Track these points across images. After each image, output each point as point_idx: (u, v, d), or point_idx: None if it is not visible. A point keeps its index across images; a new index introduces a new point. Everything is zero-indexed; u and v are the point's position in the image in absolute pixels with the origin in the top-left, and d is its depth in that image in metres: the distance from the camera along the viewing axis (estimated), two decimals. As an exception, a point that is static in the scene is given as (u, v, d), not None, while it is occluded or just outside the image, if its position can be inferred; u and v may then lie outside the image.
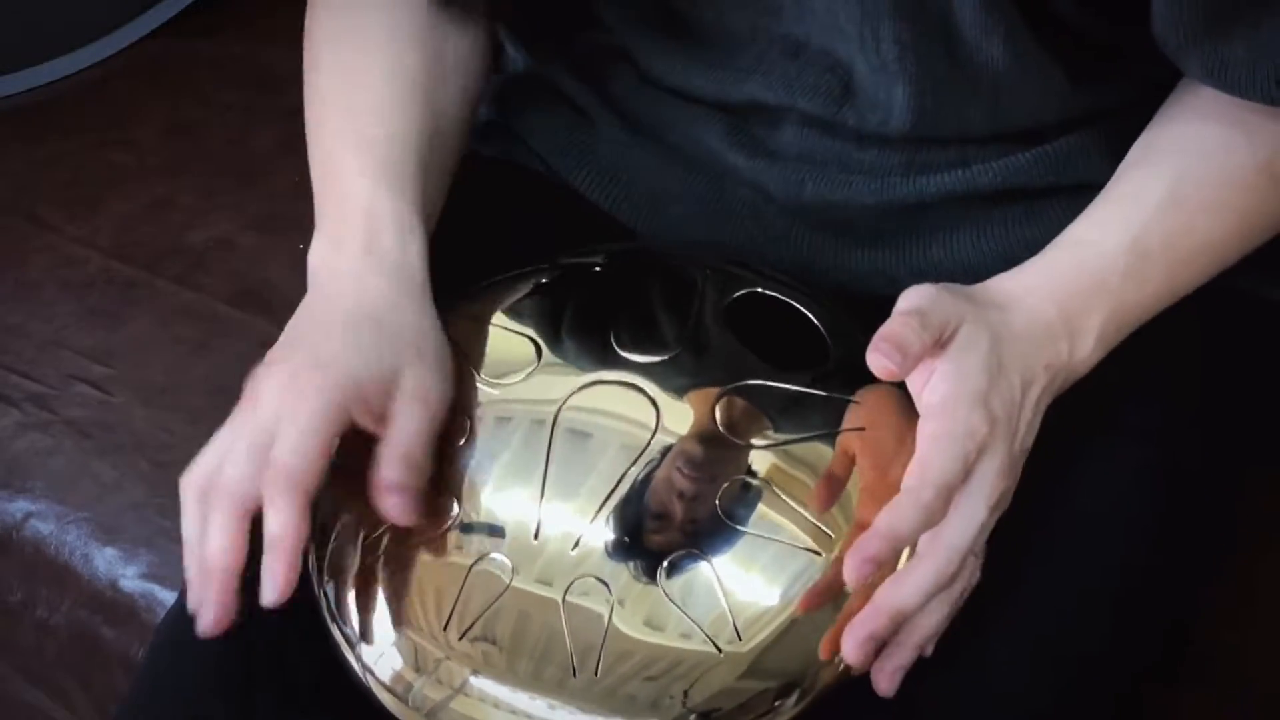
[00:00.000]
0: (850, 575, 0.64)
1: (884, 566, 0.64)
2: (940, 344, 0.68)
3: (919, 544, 0.66)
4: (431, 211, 0.81)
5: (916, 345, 0.66)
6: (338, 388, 0.70)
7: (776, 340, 0.73)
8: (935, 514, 0.65)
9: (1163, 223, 0.74)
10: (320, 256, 0.78)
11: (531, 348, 0.77)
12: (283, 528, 0.68)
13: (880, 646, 0.66)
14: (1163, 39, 0.72)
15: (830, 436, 0.72)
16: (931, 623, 0.67)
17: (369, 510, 0.72)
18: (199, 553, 0.69)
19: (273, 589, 0.67)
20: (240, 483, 0.69)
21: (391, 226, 0.78)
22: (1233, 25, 0.70)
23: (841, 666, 0.68)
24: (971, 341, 0.68)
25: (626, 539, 0.70)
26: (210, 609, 0.68)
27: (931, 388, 0.68)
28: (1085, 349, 0.72)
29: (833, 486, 0.70)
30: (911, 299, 0.68)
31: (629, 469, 0.72)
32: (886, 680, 0.67)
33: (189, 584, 0.69)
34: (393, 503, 0.70)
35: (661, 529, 0.71)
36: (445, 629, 0.69)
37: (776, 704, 0.67)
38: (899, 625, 0.66)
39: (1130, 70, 0.79)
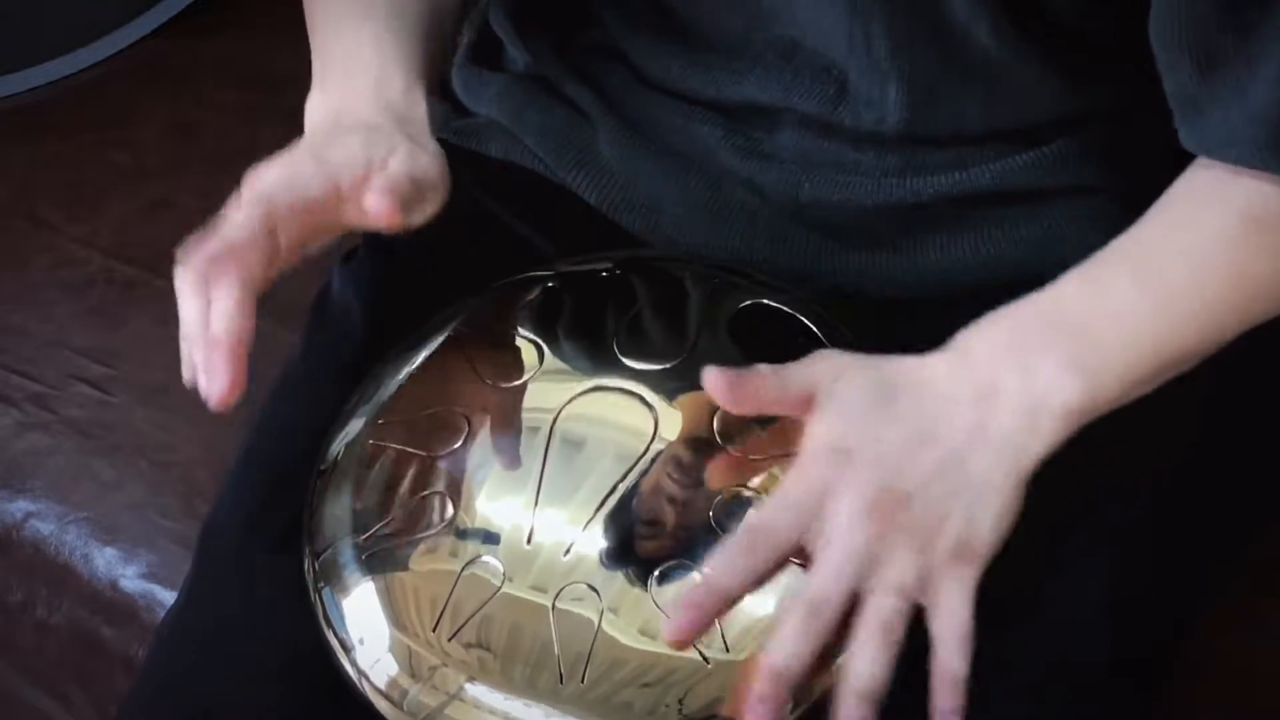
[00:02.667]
0: (671, 634, 0.65)
1: (708, 617, 0.65)
2: (810, 404, 0.69)
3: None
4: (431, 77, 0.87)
5: (760, 390, 0.69)
6: (306, 162, 0.76)
7: (778, 351, 0.73)
8: (752, 557, 0.66)
9: (1136, 275, 0.72)
10: (321, 108, 0.84)
11: (534, 352, 0.77)
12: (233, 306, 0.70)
13: (781, 705, 0.65)
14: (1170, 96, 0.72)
15: None
16: (863, 669, 0.65)
17: (365, 512, 0.72)
18: (202, 329, 0.70)
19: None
20: (245, 252, 0.72)
21: (401, 88, 0.84)
22: (1221, 87, 0.69)
23: (838, 674, 0.68)
24: (837, 394, 0.69)
25: (619, 546, 0.71)
26: (221, 377, 0.69)
27: None
28: (1045, 380, 0.69)
29: None
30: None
31: (624, 476, 0.72)
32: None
33: (196, 367, 0.70)
34: (375, 203, 0.74)
35: (652, 535, 0.71)
36: (435, 630, 0.69)
37: (772, 711, 0.67)
38: (787, 684, 0.65)
39: (1124, 69, 0.79)
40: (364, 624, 0.71)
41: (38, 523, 1.04)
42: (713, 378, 0.68)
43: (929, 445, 0.68)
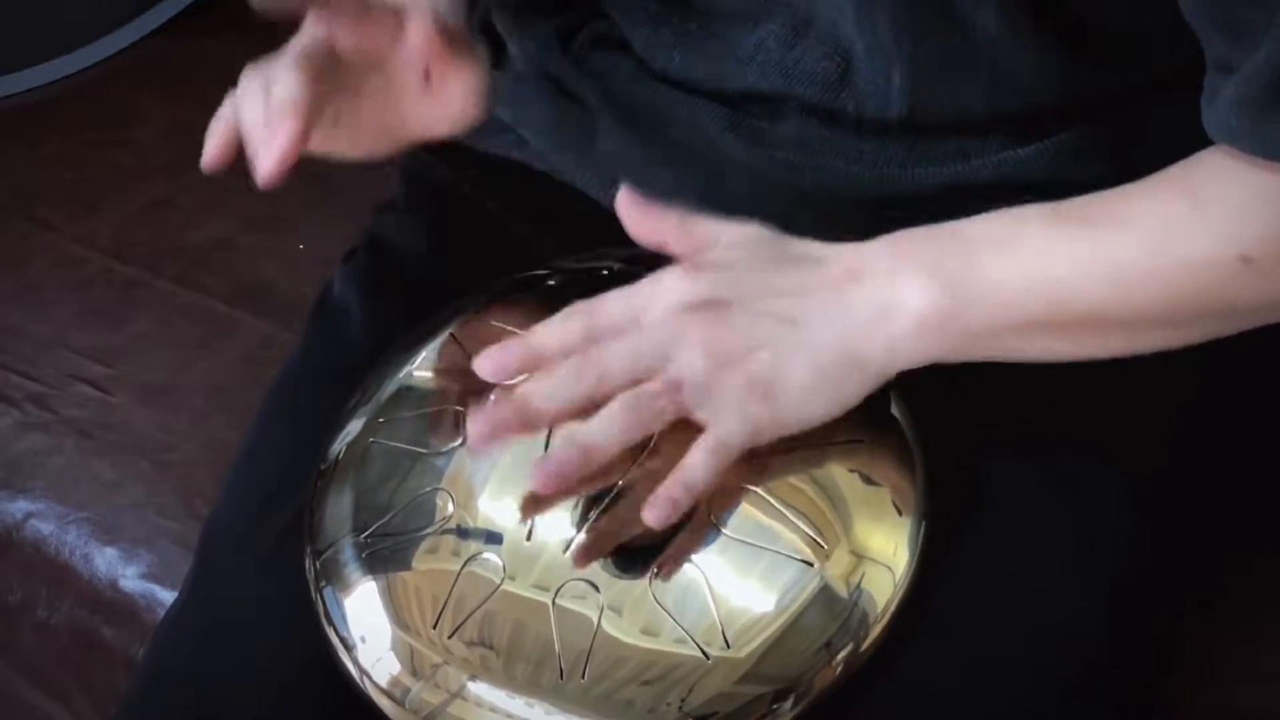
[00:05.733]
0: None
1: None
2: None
3: None
4: None
5: (660, 221, 0.73)
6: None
7: None
8: (524, 356, 0.70)
9: (1052, 215, 0.72)
10: None
11: None
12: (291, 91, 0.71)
13: (508, 430, 0.69)
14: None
15: (826, 447, 0.72)
16: (595, 427, 0.68)
17: (366, 511, 0.72)
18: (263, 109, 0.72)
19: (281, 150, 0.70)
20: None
21: None
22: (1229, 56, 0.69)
23: (840, 669, 0.68)
24: (728, 250, 0.72)
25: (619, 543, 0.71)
26: (281, 137, 0.70)
27: None
28: (905, 279, 0.71)
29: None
30: None
31: (624, 472, 0.72)
32: (650, 510, 0.68)
33: (257, 146, 0.71)
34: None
35: (652, 531, 0.71)
36: (436, 627, 0.69)
37: (774, 708, 0.67)
38: (527, 417, 0.68)
39: (1126, 59, 0.79)
40: (365, 622, 0.71)
41: (38, 523, 1.04)
42: (624, 197, 0.72)
43: (779, 296, 0.70)
